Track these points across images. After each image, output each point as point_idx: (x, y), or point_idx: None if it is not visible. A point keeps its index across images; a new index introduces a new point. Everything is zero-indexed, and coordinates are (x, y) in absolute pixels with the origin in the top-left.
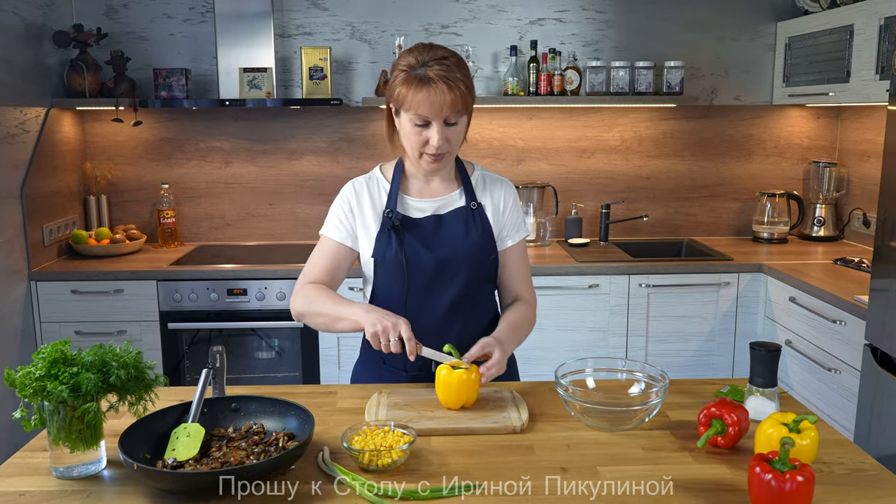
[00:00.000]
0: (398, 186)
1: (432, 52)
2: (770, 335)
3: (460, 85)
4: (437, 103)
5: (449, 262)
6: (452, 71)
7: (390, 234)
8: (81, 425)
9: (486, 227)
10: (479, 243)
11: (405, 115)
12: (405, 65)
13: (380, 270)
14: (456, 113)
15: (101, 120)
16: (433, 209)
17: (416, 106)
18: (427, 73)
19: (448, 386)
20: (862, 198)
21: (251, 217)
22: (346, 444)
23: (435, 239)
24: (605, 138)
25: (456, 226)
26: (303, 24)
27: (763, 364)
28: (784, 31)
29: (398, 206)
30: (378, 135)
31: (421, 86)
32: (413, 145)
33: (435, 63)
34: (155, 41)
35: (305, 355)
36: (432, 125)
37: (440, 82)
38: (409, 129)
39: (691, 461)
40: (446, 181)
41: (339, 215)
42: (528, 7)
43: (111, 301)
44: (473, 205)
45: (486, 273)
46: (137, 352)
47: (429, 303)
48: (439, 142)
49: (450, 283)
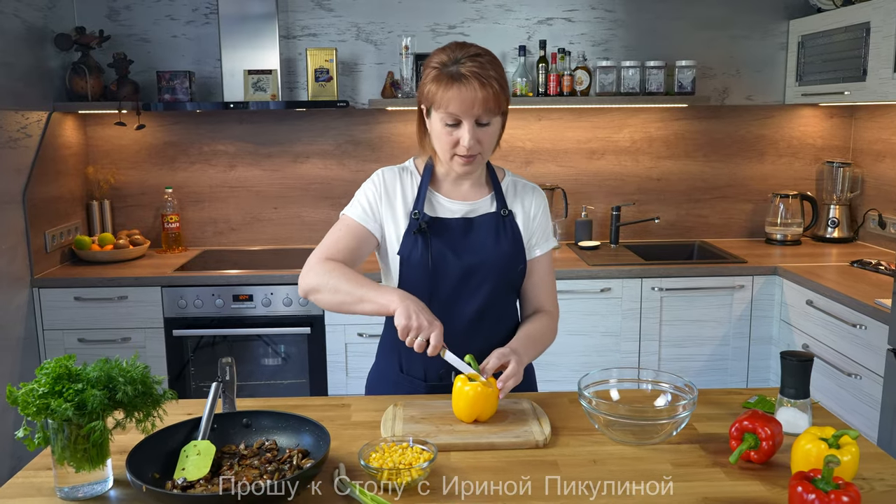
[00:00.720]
0: (427, 186)
1: (465, 50)
2: (786, 339)
3: (493, 83)
4: (469, 101)
5: (477, 269)
6: (486, 69)
7: (417, 237)
8: (87, 444)
9: (516, 235)
10: (509, 252)
11: (436, 115)
12: (437, 62)
13: (404, 270)
14: (488, 112)
15: (103, 123)
16: (463, 212)
17: (446, 104)
18: (459, 69)
19: (464, 399)
20: (877, 198)
21: (256, 221)
22: (364, 461)
23: (463, 244)
24: (615, 139)
25: (486, 232)
26: (308, 24)
27: (795, 374)
28: (796, 30)
29: (428, 203)
30: (384, 137)
31: (452, 83)
32: (444, 146)
33: (468, 60)
34: (158, 43)
35: (312, 362)
36: (463, 125)
37: (472, 79)
38: (439, 128)
39: (724, 477)
40: (477, 185)
41: (368, 198)
42: (537, 6)
43: (115, 308)
44: (504, 211)
45: (513, 283)
46: (145, 366)
47: (453, 310)
48: (470, 142)
49: (476, 292)
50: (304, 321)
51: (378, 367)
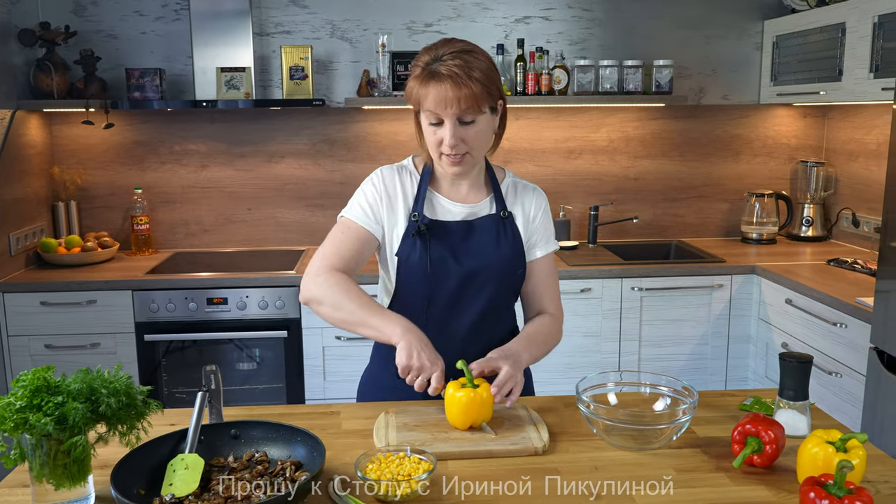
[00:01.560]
0: (426, 187)
1: (450, 46)
2: (765, 338)
3: (472, 81)
4: (443, 99)
5: (477, 274)
6: (467, 67)
7: (416, 239)
8: (67, 460)
9: (516, 237)
10: (509, 256)
11: (422, 114)
12: (422, 61)
13: (403, 271)
14: (468, 111)
15: (69, 122)
16: (464, 214)
17: (424, 101)
18: (438, 68)
19: (457, 405)
20: (850, 197)
21: (229, 223)
22: (361, 473)
23: (464, 248)
24: (592, 139)
25: (486, 235)
26: (281, 21)
27: (794, 376)
28: (771, 30)
29: (428, 204)
30: (361, 136)
31: (428, 81)
32: (431, 146)
33: (450, 58)
34: (126, 40)
35: (289, 366)
36: (445, 123)
37: (447, 78)
38: (425, 128)
39: (729, 483)
40: (475, 187)
41: (368, 199)
42: (514, 5)
43: (83, 313)
44: (504, 213)
45: (513, 287)
46: (128, 376)
47: (453, 316)
48: (452, 140)
49: (476, 296)
50: (280, 324)
51: (371, 372)
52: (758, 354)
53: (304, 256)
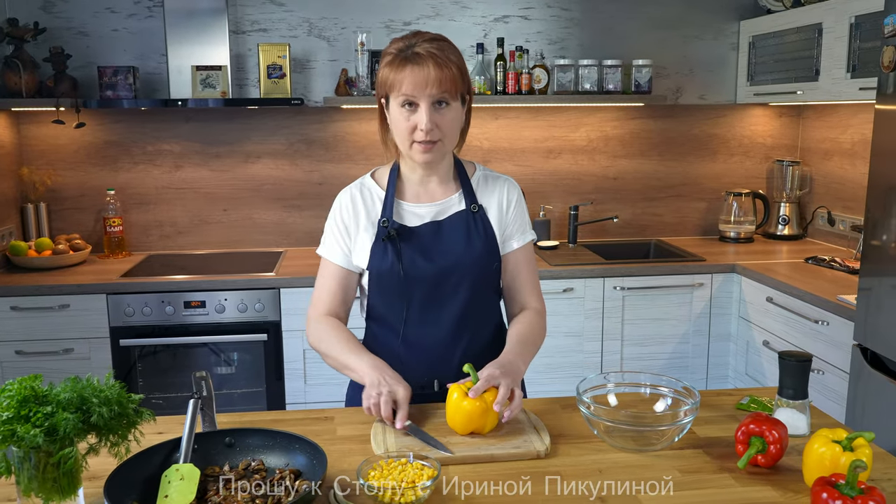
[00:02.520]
0: (394, 192)
1: (422, 35)
2: (745, 336)
3: (450, 65)
4: (422, 79)
5: (450, 272)
6: (444, 51)
7: (386, 244)
8: (57, 473)
9: (488, 231)
10: (482, 250)
11: (393, 101)
12: (393, 48)
13: (374, 284)
14: (445, 93)
15: (39, 121)
16: (431, 214)
17: (400, 85)
18: (414, 50)
19: (462, 413)
20: (825, 196)
21: (205, 224)
22: (364, 480)
23: (434, 248)
24: (571, 138)
25: (456, 232)
26: (258, 19)
27: (794, 375)
28: (747, 30)
29: (396, 214)
30: (339, 136)
31: (406, 63)
32: (402, 133)
33: (425, 42)
34: (97, 37)
35: (269, 370)
36: (420, 107)
37: (428, 58)
38: (397, 115)
39: (734, 483)
40: (444, 183)
41: (334, 234)
42: (493, 4)
43: (56, 317)
44: (474, 207)
45: (491, 283)
46: (121, 384)
47: (431, 318)
48: (427, 124)
49: (453, 296)
50: (260, 328)
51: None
52: (738, 352)
53: (283, 258)
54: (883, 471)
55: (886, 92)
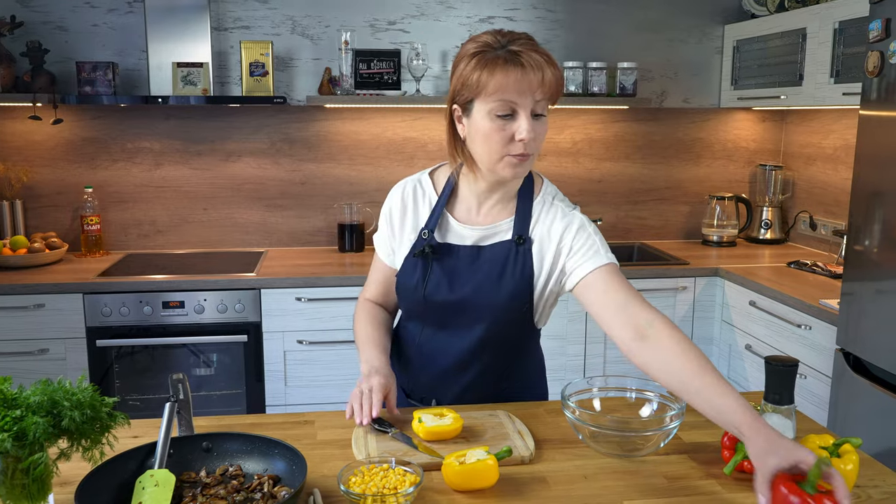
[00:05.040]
0: (444, 204)
1: (509, 35)
2: (728, 339)
3: (555, 65)
4: (528, 82)
5: (468, 307)
6: (539, 51)
7: (417, 260)
8: (26, 479)
9: (525, 268)
10: (511, 290)
11: (482, 108)
12: (476, 48)
13: (400, 292)
14: (549, 99)
15: (15, 117)
16: (475, 238)
17: (500, 89)
18: (511, 48)
19: (459, 477)
20: (808, 201)
21: (184, 223)
22: (344, 487)
23: (465, 275)
24: (556, 140)
25: (492, 264)
26: (240, 16)
27: (780, 380)
28: (732, 34)
29: (439, 227)
30: (321, 135)
31: (506, 64)
32: (494, 146)
33: (521, 43)
34: (76, 32)
35: (249, 371)
36: (520, 114)
37: (532, 56)
38: (487, 125)
39: (721, 490)
40: (501, 203)
41: (383, 230)
42: (478, 4)
43: (30, 317)
44: (521, 240)
45: (514, 323)
46: (94, 387)
47: (443, 342)
48: (529, 133)
49: (468, 330)
50: (240, 328)
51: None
52: (721, 356)
53: (264, 258)
54: (869, 477)
55: (870, 97)
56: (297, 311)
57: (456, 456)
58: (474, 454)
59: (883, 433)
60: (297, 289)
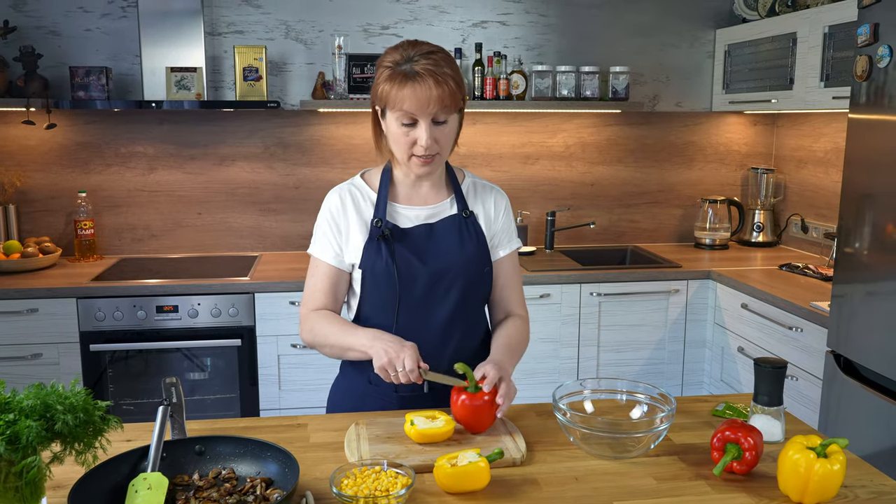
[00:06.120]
0: (387, 193)
1: (418, 48)
2: (720, 342)
3: (449, 80)
4: (424, 99)
5: (444, 274)
6: (440, 66)
7: (380, 244)
8: (19, 482)
9: (479, 236)
10: (474, 254)
11: (391, 115)
12: (390, 61)
13: (368, 283)
14: (444, 110)
15: (8, 122)
16: (423, 217)
17: (401, 102)
18: (413, 67)
19: (451, 479)
20: (799, 204)
21: (178, 227)
22: (336, 489)
23: (427, 250)
24: (549, 144)
25: (449, 235)
26: (234, 21)
27: (769, 382)
28: (723, 39)
29: (386, 215)
30: (315, 140)
31: (406, 81)
32: (401, 147)
33: (421, 58)
34: (69, 37)
35: (243, 375)
36: (420, 124)
37: (427, 77)
38: (395, 129)
39: (710, 490)
40: (436, 188)
41: (325, 234)
42: (471, 9)
43: (24, 322)
44: (466, 213)
45: (481, 287)
46: (87, 391)
47: (423, 319)
48: (427, 141)
49: (444, 299)
50: (233, 333)
51: (343, 381)
52: (713, 359)
53: (258, 262)
54: (856, 477)
55: (859, 101)
56: (290, 316)
57: (448, 458)
58: (466, 456)
59: (873, 435)
60: (291, 293)
